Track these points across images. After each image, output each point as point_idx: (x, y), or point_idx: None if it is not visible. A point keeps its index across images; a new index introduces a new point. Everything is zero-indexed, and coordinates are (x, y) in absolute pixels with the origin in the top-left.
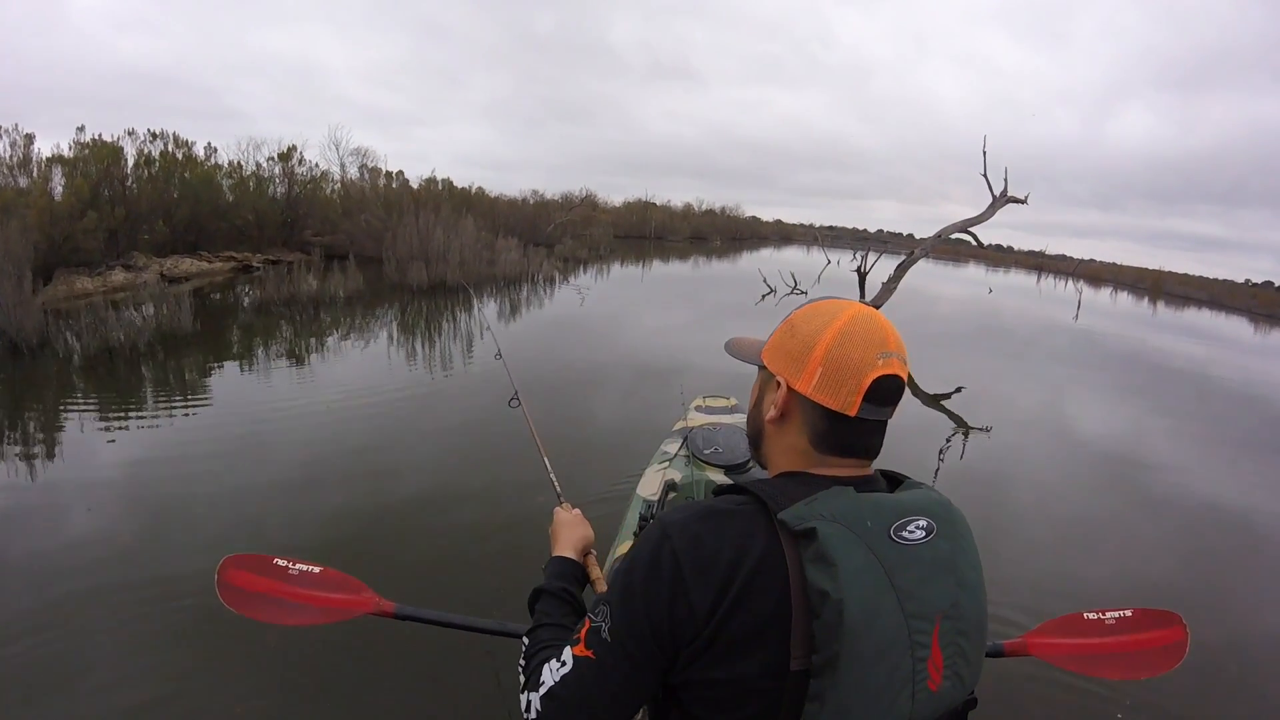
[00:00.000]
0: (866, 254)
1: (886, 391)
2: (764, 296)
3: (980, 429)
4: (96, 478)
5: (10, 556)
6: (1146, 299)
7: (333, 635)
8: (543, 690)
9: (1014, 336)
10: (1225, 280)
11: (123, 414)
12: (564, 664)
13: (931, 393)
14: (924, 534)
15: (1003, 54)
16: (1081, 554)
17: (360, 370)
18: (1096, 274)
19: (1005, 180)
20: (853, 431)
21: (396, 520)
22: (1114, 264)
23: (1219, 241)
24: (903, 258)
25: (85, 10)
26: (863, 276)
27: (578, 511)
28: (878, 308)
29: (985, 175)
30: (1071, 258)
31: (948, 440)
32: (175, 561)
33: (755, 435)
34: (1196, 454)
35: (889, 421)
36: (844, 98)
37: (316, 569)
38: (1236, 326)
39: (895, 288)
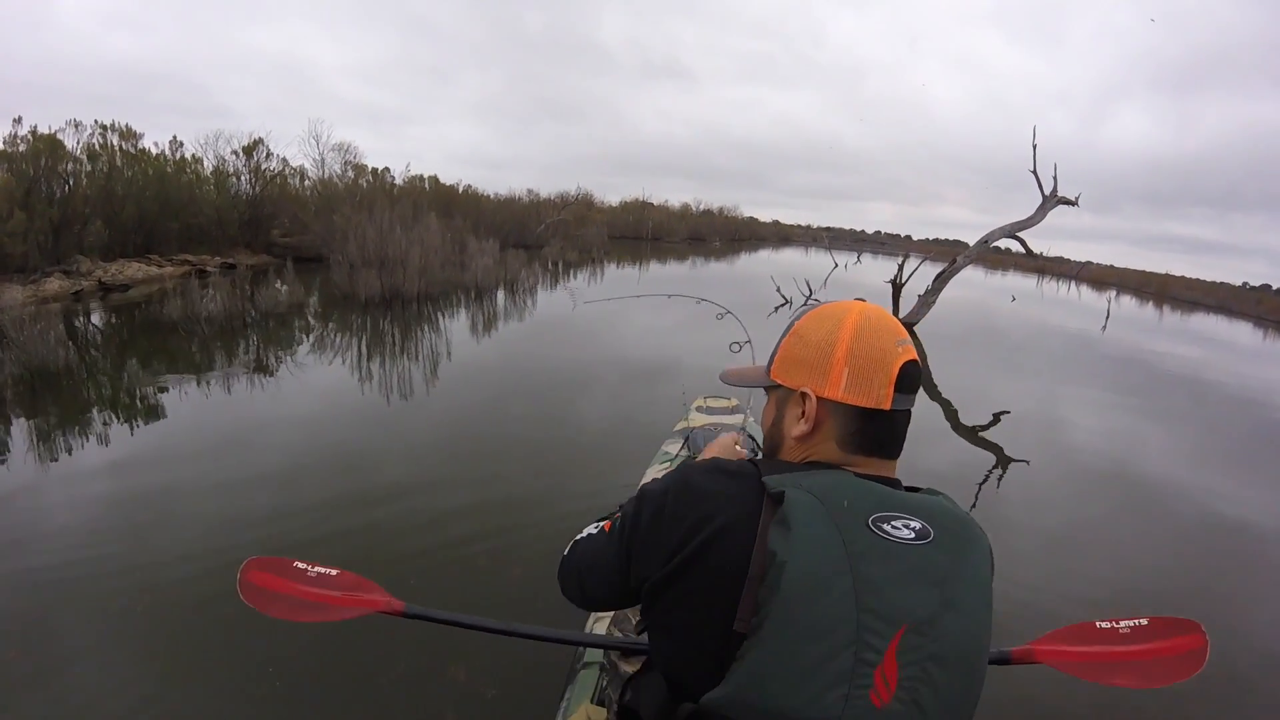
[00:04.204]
0: (904, 262)
1: (912, 378)
2: (777, 309)
3: (1019, 460)
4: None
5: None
6: (1151, 304)
7: (340, 637)
8: (577, 537)
9: (1045, 354)
10: (1224, 284)
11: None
12: (596, 529)
13: (970, 425)
14: (913, 535)
15: (997, 55)
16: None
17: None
18: (1100, 277)
19: (1055, 179)
20: (885, 426)
21: (404, 525)
22: (1112, 266)
23: (1214, 245)
24: (923, 264)
25: (72, 8)
26: (898, 289)
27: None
28: (912, 326)
29: (1035, 172)
30: (1069, 260)
31: (987, 473)
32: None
33: (774, 453)
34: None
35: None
36: (837, 98)
37: (334, 571)
38: (1246, 333)
39: (934, 301)
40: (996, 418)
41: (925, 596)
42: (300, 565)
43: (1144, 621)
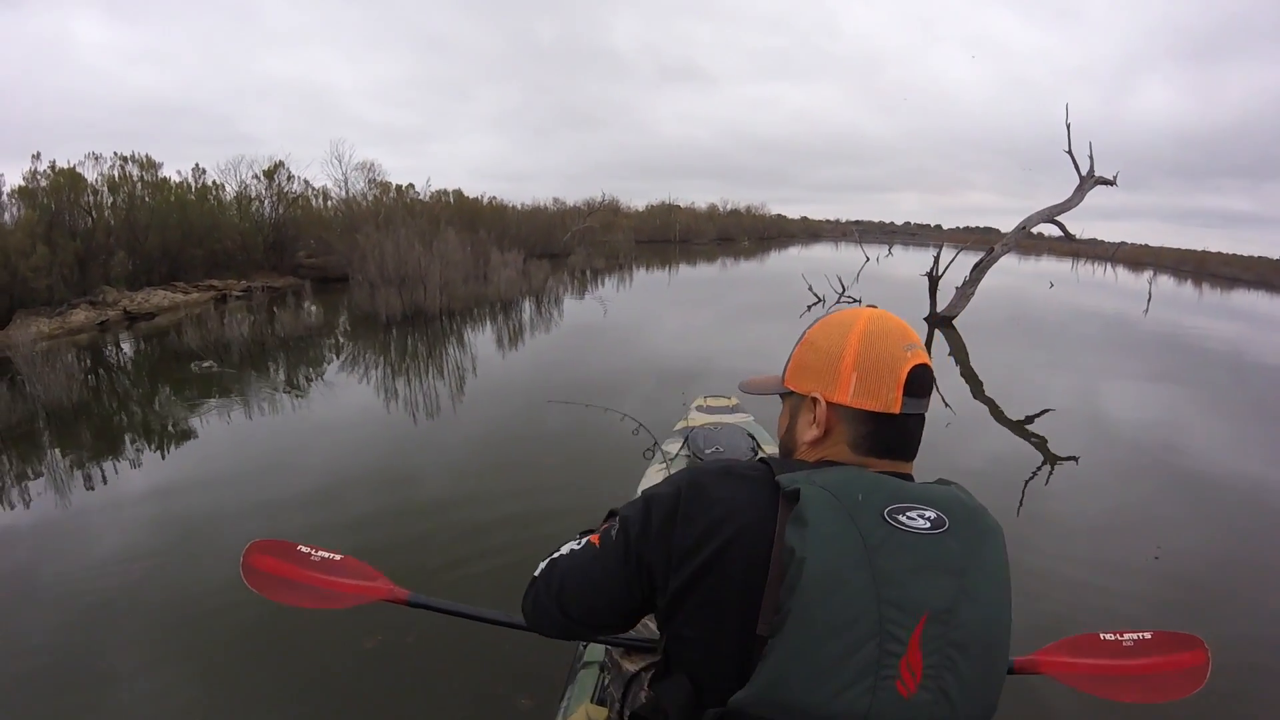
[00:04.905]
0: (939, 254)
1: (921, 382)
2: (810, 307)
3: (1067, 458)
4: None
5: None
6: (1189, 282)
7: (340, 635)
8: (553, 556)
9: (1090, 341)
10: (1262, 258)
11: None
12: (579, 543)
13: (1015, 419)
14: (928, 525)
15: (1013, 34)
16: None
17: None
18: (1135, 258)
19: (1091, 158)
20: (897, 430)
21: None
22: (1146, 245)
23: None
24: (959, 255)
25: (93, 46)
26: (934, 281)
27: None
28: (952, 318)
29: (1070, 152)
30: (1103, 241)
31: (1033, 471)
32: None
33: (788, 459)
34: None
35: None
36: (855, 89)
37: (337, 556)
38: None
39: (973, 293)
40: (1038, 415)
41: (944, 586)
42: (304, 549)
43: (1147, 635)
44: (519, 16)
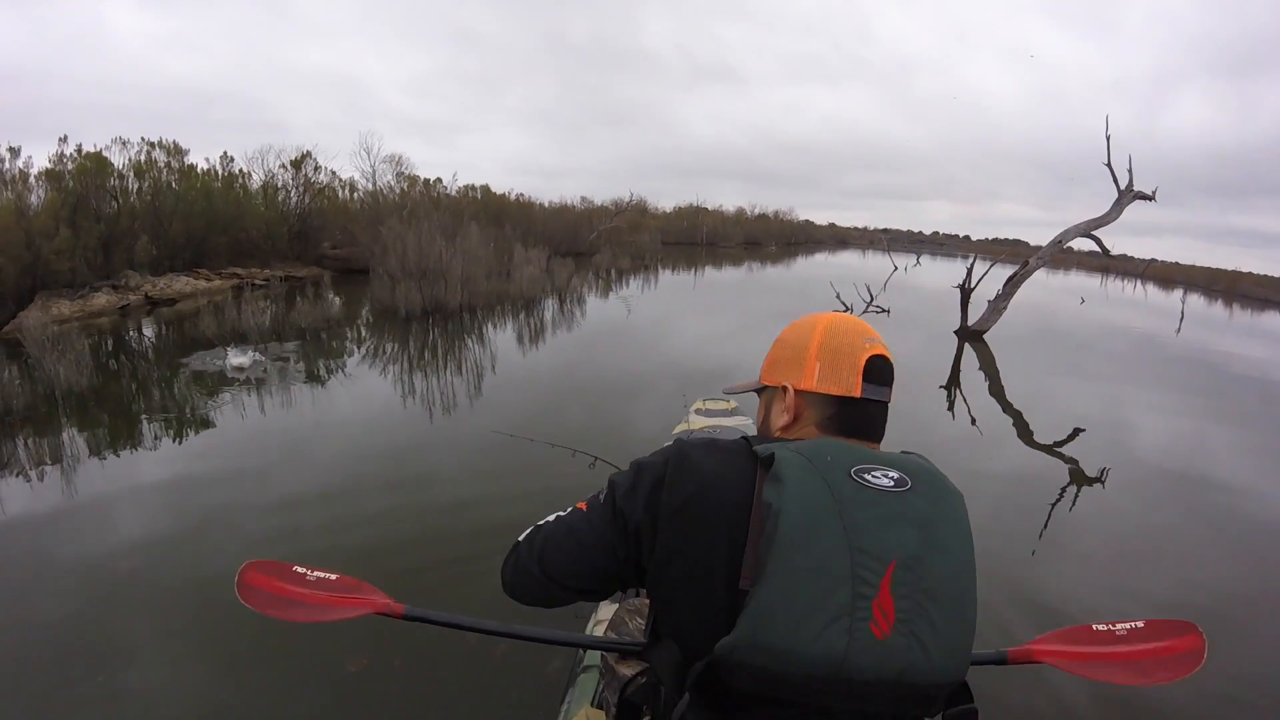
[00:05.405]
0: (972, 265)
1: (880, 371)
2: None
3: (1095, 479)
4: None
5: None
6: (1220, 302)
7: (341, 641)
8: (538, 523)
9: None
10: None
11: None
12: (565, 511)
13: (1043, 439)
14: (892, 483)
15: (1049, 46)
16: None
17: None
18: (1166, 275)
19: (1130, 172)
20: (859, 412)
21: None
22: (1177, 263)
23: None
24: (993, 268)
25: (128, 31)
26: (966, 294)
27: None
28: (983, 333)
29: (1109, 165)
30: (1133, 258)
31: (1059, 494)
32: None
33: None
34: None
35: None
36: (887, 96)
37: (333, 575)
38: None
39: (1005, 307)
40: (1067, 439)
41: (910, 536)
42: (299, 569)
43: (1140, 624)
44: (552, 13)
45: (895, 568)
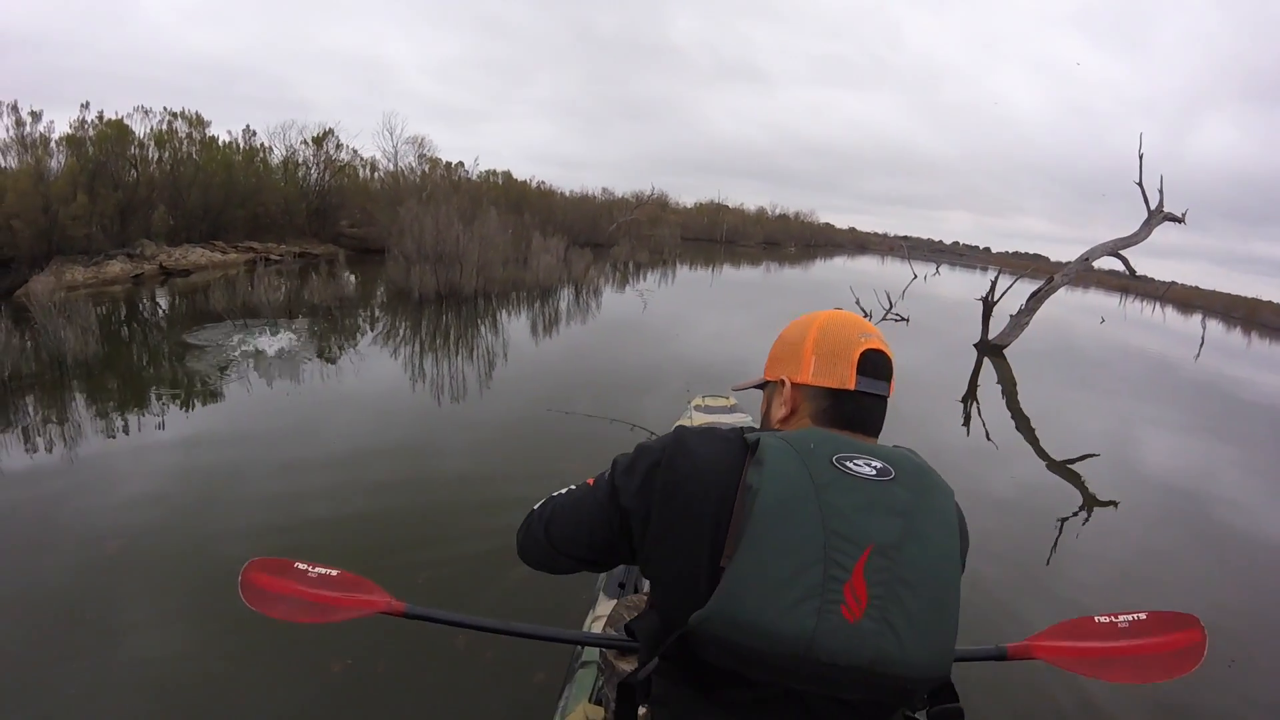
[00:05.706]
0: (996, 279)
1: (876, 365)
2: None
3: (1107, 503)
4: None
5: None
6: (1239, 329)
7: (340, 637)
8: (553, 494)
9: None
10: None
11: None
12: (576, 485)
13: (1057, 456)
14: (874, 473)
15: (1079, 61)
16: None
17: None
18: (1185, 299)
19: (1161, 193)
20: (853, 404)
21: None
22: (1197, 288)
23: None
24: (1017, 283)
25: (154, 2)
26: (989, 307)
27: None
28: (1004, 347)
29: (1140, 184)
30: (1153, 279)
31: (1071, 512)
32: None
33: None
34: None
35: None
36: (913, 103)
37: (334, 572)
38: None
39: (1027, 323)
40: (1080, 458)
41: (890, 524)
42: (300, 566)
43: (1142, 616)
44: (581, 5)
45: (871, 553)
